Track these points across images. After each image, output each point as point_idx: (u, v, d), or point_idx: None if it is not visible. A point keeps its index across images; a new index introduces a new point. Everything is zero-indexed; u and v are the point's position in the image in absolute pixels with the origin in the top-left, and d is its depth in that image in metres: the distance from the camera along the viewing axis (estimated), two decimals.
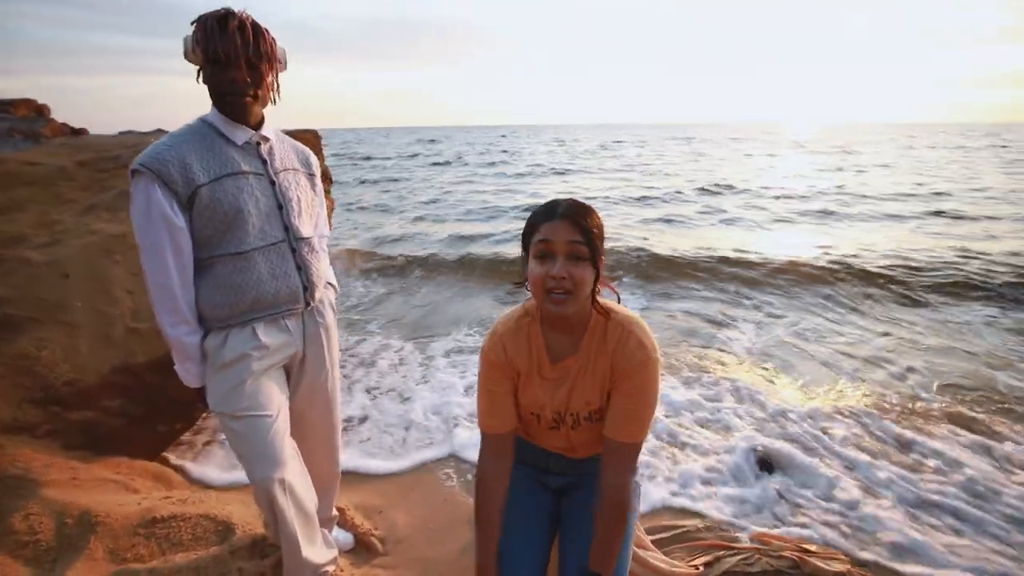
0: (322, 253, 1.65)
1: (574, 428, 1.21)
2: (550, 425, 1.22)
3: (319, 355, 1.52)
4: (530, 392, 1.20)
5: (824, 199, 11.15)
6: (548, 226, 1.04)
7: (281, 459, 1.35)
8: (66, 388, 2.03)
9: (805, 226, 8.69)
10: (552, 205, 1.07)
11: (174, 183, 1.21)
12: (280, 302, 1.38)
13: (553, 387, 1.18)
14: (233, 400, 1.32)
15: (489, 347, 1.20)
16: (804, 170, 17.67)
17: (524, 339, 1.19)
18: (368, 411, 3.09)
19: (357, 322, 4.80)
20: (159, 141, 1.24)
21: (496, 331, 1.21)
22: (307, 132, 4.14)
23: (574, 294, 1.04)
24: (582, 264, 1.04)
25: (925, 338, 4.06)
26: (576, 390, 1.17)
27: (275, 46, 1.30)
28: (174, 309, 1.27)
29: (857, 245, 6.91)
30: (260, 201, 1.33)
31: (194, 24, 1.22)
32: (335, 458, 1.72)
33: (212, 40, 1.19)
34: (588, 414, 1.18)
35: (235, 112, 1.29)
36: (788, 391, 3.27)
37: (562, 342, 1.17)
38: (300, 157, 1.49)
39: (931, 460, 2.51)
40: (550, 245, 1.03)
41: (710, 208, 10.46)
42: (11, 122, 6.82)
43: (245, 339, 1.34)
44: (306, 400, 1.55)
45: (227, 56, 1.21)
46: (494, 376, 1.19)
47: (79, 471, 1.83)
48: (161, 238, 1.21)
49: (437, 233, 8.63)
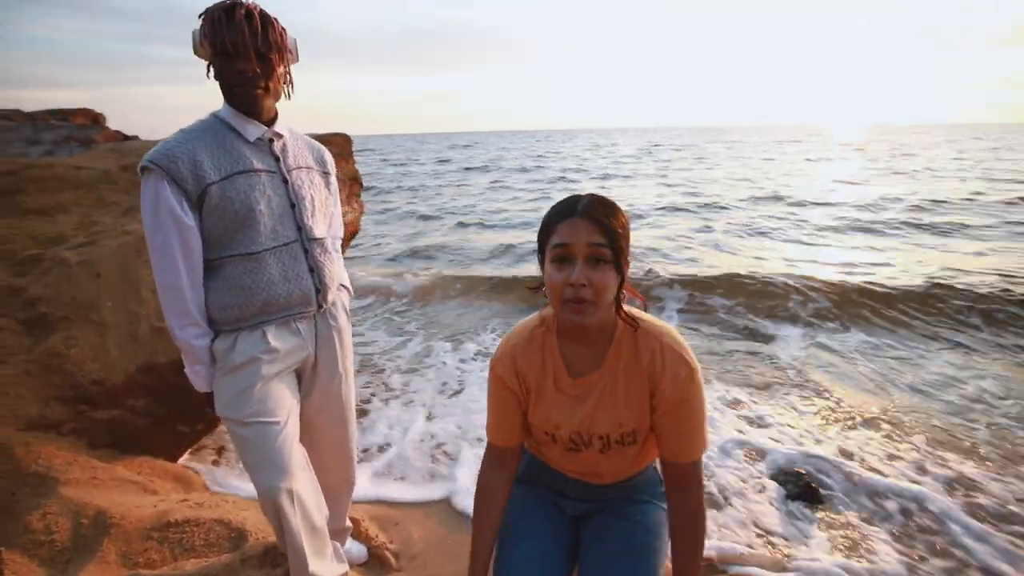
0: (336, 254, 1.60)
1: (603, 452, 1.09)
2: (567, 447, 1.11)
3: (332, 359, 1.46)
4: (543, 409, 1.09)
5: (909, 208, 10.10)
6: (566, 226, 0.93)
7: (289, 468, 1.29)
8: (94, 387, 2.05)
9: (914, 239, 7.67)
10: (571, 202, 0.96)
11: (184, 181, 1.17)
12: (292, 304, 1.33)
13: (572, 405, 1.07)
14: (241, 405, 1.27)
15: (498, 358, 1.11)
16: (871, 175, 16.38)
17: (538, 351, 1.09)
18: (391, 436, 2.93)
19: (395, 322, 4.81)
20: (170, 137, 1.22)
21: (508, 341, 1.12)
22: (337, 135, 4.17)
23: (595, 302, 0.93)
24: (604, 268, 0.93)
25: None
26: (603, 409, 1.05)
27: (285, 36, 1.25)
28: (183, 311, 1.23)
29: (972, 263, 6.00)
30: (272, 200, 1.29)
31: (201, 17, 1.19)
32: (349, 466, 1.66)
33: (219, 31, 1.16)
34: (620, 436, 1.06)
35: (246, 105, 1.25)
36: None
37: (582, 355, 1.06)
38: (315, 155, 1.45)
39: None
40: (569, 248, 0.93)
41: (792, 220, 9.52)
42: (69, 130, 7.20)
43: (255, 342, 1.29)
44: (318, 406, 1.50)
45: (235, 47, 1.16)
46: (501, 390, 1.11)
47: (99, 470, 1.83)
48: (170, 237, 1.18)
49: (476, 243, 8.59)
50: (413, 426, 3.00)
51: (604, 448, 1.08)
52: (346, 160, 4.25)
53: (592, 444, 1.08)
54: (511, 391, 1.10)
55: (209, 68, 1.24)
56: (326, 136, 4.25)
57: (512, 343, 1.11)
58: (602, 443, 1.07)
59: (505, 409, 1.11)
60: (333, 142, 4.28)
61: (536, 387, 1.09)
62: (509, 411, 1.11)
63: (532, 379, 1.09)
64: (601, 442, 1.07)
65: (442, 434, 2.91)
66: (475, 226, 10.12)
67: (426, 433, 2.93)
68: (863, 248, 7.27)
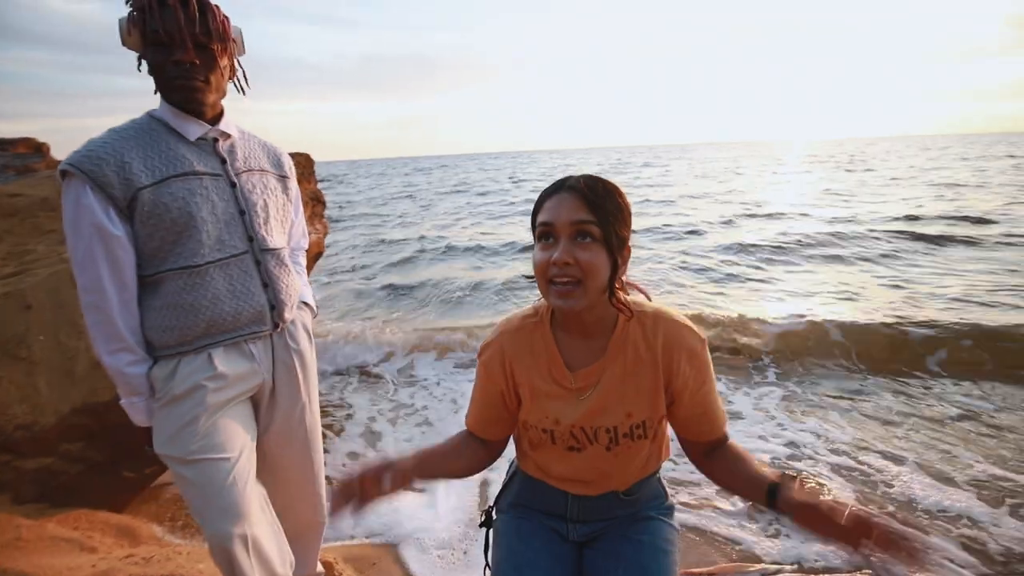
0: (297, 267, 1.45)
1: (610, 448, 0.97)
2: (567, 445, 0.99)
3: (292, 385, 1.30)
4: (539, 404, 0.98)
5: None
6: (552, 202, 0.86)
7: (241, 510, 1.12)
8: (20, 432, 1.81)
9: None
10: (562, 180, 0.88)
11: (109, 185, 1.01)
12: (241, 324, 1.17)
13: (573, 397, 0.96)
14: (184, 440, 1.10)
15: (486, 344, 1.02)
16: (856, 188, 15.62)
17: (527, 341, 0.98)
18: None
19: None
20: (96, 137, 1.06)
21: (497, 329, 1.02)
22: (298, 155, 4.01)
23: (582, 283, 0.84)
24: (592, 247, 0.84)
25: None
26: (610, 400, 0.95)
27: (228, 24, 1.12)
28: (112, 334, 1.06)
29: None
30: (217, 206, 1.13)
31: (128, 2, 1.05)
32: (318, 505, 1.48)
33: (151, 18, 1.02)
34: (630, 429, 0.95)
35: (186, 101, 1.10)
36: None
37: (579, 348, 0.96)
38: (270, 157, 1.30)
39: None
40: (552, 226, 0.85)
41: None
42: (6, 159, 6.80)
43: (199, 367, 1.13)
44: (279, 439, 1.32)
45: (169, 35, 1.03)
46: (486, 378, 1.01)
47: (24, 529, 1.60)
48: (93, 250, 1.02)
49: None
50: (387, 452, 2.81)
51: (611, 443, 0.97)
52: (308, 180, 4.09)
53: (598, 439, 0.97)
54: (495, 382, 1.00)
55: (140, 61, 1.10)
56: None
57: (502, 330, 1.01)
58: (609, 437, 0.96)
59: (487, 399, 1.02)
60: (296, 162, 4.12)
61: (527, 381, 0.98)
62: (490, 402, 1.02)
63: (522, 372, 0.98)
64: (608, 436, 0.96)
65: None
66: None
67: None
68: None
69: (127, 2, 1.05)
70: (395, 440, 3.08)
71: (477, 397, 1.05)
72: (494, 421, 1.04)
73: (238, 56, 1.21)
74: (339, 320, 5.81)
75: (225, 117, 1.19)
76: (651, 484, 1.10)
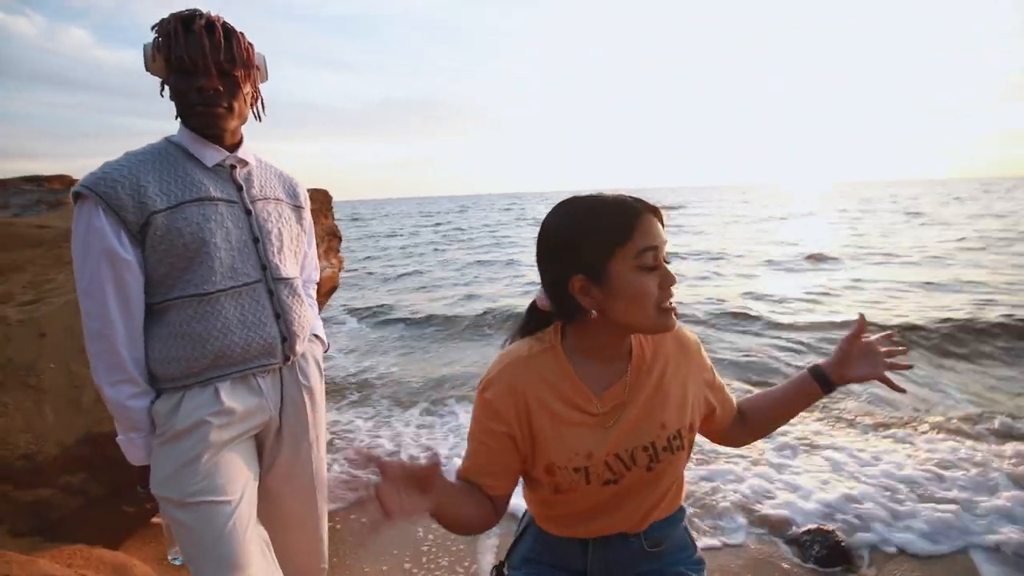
0: (308, 299, 1.42)
1: (651, 468, 0.89)
2: (604, 480, 0.89)
3: (300, 424, 1.25)
4: (565, 442, 0.88)
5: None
6: (647, 225, 0.82)
7: (239, 561, 1.04)
8: (21, 462, 1.77)
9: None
10: (625, 200, 0.84)
11: (123, 209, 1.00)
12: (251, 356, 1.13)
13: (602, 425, 0.88)
14: (182, 482, 1.04)
15: (489, 379, 0.89)
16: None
17: (541, 371, 0.89)
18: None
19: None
20: (112, 160, 1.06)
21: (500, 362, 0.91)
22: (317, 191, 4.08)
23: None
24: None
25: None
26: (643, 417, 0.89)
27: (252, 51, 1.13)
28: (114, 365, 1.03)
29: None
30: (231, 233, 1.12)
31: (154, 28, 1.06)
32: (319, 550, 1.40)
33: (176, 44, 1.02)
34: (667, 441, 0.90)
35: (207, 127, 1.10)
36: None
37: (597, 372, 0.90)
38: (286, 186, 1.30)
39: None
40: (659, 251, 0.83)
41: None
42: (40, 194, 7.06)
43: (204, 402, 1.08)
44: (283, 480, 1.26)
45: (193, 62, 1.03)
46: (488, 423, 0.88)
47: (16, 566, 1.52)
48: (101, 275, 1.00)
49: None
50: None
51: (652, 461, 0.89)
52: (325, 215, 4.14)
53: (637, 461, 0.89)
54: (504, 421, 0.87)
55: (163, 86, 1.10)
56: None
57: (507, 362, 0.90)
58: (649, 456, 0.89)
59: (493, 444, 0.88)
60: (313, 198, 4.17)
61: (548, 415, 0.87)
62: (497, 447, 0.88)
63: (539, 407, 0.87)
64: (648, 455, 0.89)
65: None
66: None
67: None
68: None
69: (153, 28, 1.07)
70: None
71: (479, 443, 0.90)
72: (501, 470, 0.90)
73: (260, 82, 1.21)
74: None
75: (244, 145, 1.19)
76: (677, 533, 1.01)
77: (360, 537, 2.34)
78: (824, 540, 2.13)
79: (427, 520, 2.37)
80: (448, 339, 6.38)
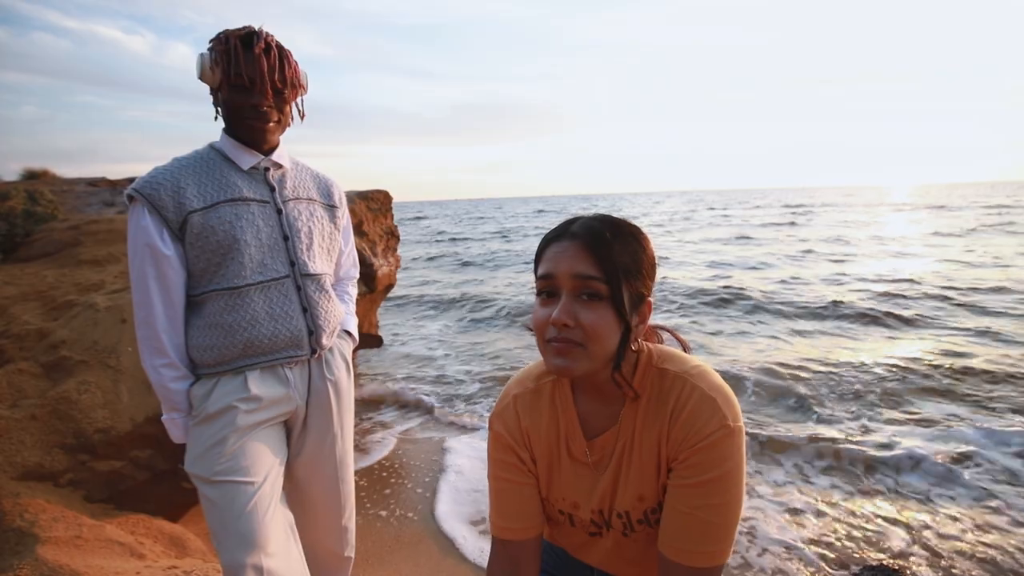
0: (345, 296, 1.47)
1: (626, 535, 0.83)
2: (589, 530, 0.85)
3: (325, 415, 1.29)
4: (557, 484, 0.85)
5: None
6: (553, 250, 0.73)
7: (257, 540, 1.09)
8: (98, 435, 1.96)
9: None
10: (567, 223, 0.76)
11: (164, 208, 1.09)
12: (278, 347, 1.19)
13: (591, 476, 0.83)
14: (210, 461, 1.11)
15: (497, 413, 0.88)
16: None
17: (546, 406, 0.85)
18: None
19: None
20: (160, 165, 1.15)
21: (509, 391, 0.89)
22: (378, 192, 4.25)
23: (584, 346, 0.71)
24: (597, 306, 0.70)
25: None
26: (623, 478, 0.80)
27: (298, 71, 1.21)
28: (158, 349, 1.12)
29: None
30: (262, 231, 1.18)
31: (213, 42, 1.14)
32: (344, 540, 1.44)
33: (236, 63, 1.10)
34: (644, 515, 0.79)
35: (253, 137, 1.18)
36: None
37: (598, 412, 0.83)
38: (320, 187, 1.35)
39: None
40: (553, 280, 0.72)
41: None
42: None
43: (234, 389, 1.15)
44: (308, 467, 1.31)
45: (252, 81, 1.11)
46: (503, 458, 0.86)
47: (86, 529, 1.69)
48: (145, 269, 1.09)
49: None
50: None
51: (626, 530, 0.82)
52: (384, 215, 4.31)
53: (613, 524, 0.83)
54: (516, 458, 0.85)
55: (216, 93, 1.19)
56: (368, 192, 4.34)
57: (514, 393, 0.88)
58: (623, 524, 0.82)
59: (512, 486, 0.85)
60: (374, 198, 4.36)
61: (547, 454, 0.85)
62: (517, 488, 0.85)
63: (541, 443, 0.85)
64: (621, 522, 0.82)
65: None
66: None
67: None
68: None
69: (210, 42, 1.15)
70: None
71: (499, 486, 0.86)
72: (526, 512, 0.84)
73: (302, 96, 1.28)
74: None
75: (279, 149, 1.25)
76: None
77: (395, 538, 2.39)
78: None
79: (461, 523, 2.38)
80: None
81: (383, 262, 4.06)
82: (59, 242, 3.72)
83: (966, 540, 2.26)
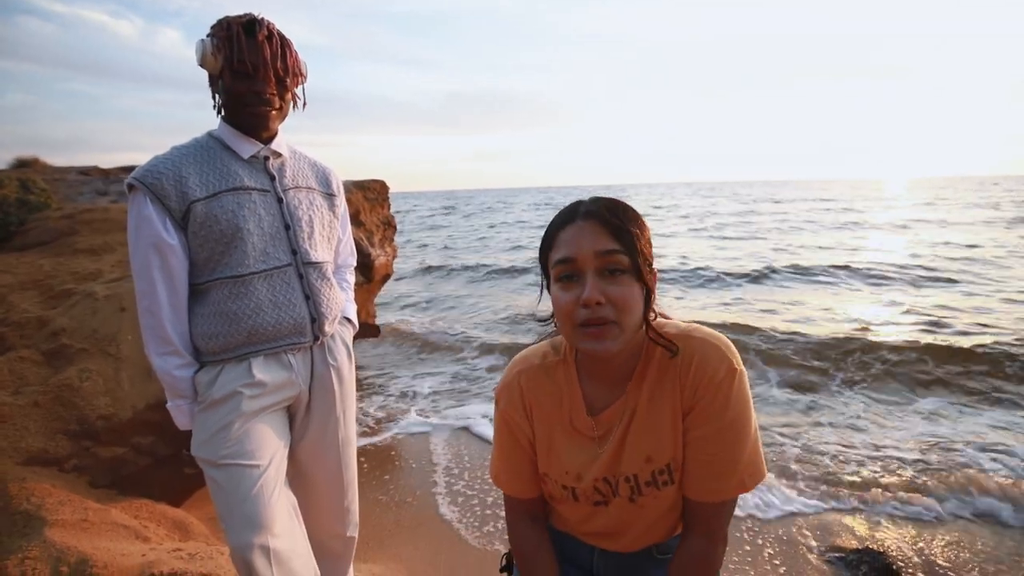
0: (344, 284, 1.49)
1: (633, 500, 0.86)
2: (593, 501, 0.88)
3: (327, 401, 1.32)
4: (557, 457, 0.88)
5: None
6: (569, 233, 0.76)
7: (264, 521, 1.13)
8: (101, 422, 1.99)
9: None
10: (572, 206, 0.79)
11: (167, 198, 1.10)
12: (282, 334, 1.21)
13: (594, 447, 0.86)
14: (216, 445, 1.14)
15: (502, 387, 0.92)
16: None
17: (549, 383, 0.89)
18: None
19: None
20: (159, 154, 1.16)
21: (513, 367, 0.92)
22: (375, 181, 4.24)
23: (619, 323, 0.73)
24: (623, 280, 0.74)
25: None
26: (628, 444, 0.84)
27: (299, 59, 1.22)
28: (162, 338, 1.14)
29: None
30: (264, 220, 1.20)
31: (213, 28, 1.15)
32: (348, 523, 1.48)
33: (239, 49, 1.11)
34: (652, 475, 0.83)
35: (252, 125, 1.19)
36: None
37: (603, 389, 0.86)
38: (318, 175, 1.37)
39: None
40: (575, 263, 0.75)
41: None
42: None
43: (238, 375, 1.17)
44: (311, 451, 1.35)
45: (255, 68, 1.12)
46: (507, 427, 0.92)
47: (92, 512, 1.72)
48: (149, 258, 1.10)
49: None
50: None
51: (634, 494, 0.85)
52: (381, 205, 4.31)
53: (619, 491, 0.86)
54: (519, 431, 0.90)
55: (214, 81, 1.19)
56: (364, 182, 4.34)
57: (518, 369, 0.91)
58: (630, 488, 0.85)
59: (515, 454, 0.92)
60: (371, 188, 4.36)
61: (546, 429, 0.89)
62: (520, 458, 0.92)
63: (541, 418, 0.89)
64: (629, 486, 0.85)
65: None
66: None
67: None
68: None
69: (212, 28, 1.15)
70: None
71: (503, 452, 0.93)
72: (529, 477, 0.92)
73: (302, 84, 1.29)
74: None
75: (278, 137, 1.27)
76: None
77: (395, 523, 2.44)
78: (873, 561, 2.00)
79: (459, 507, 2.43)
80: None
81: (380, 252, 4.07)
82: (54, 231, 3.71)
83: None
